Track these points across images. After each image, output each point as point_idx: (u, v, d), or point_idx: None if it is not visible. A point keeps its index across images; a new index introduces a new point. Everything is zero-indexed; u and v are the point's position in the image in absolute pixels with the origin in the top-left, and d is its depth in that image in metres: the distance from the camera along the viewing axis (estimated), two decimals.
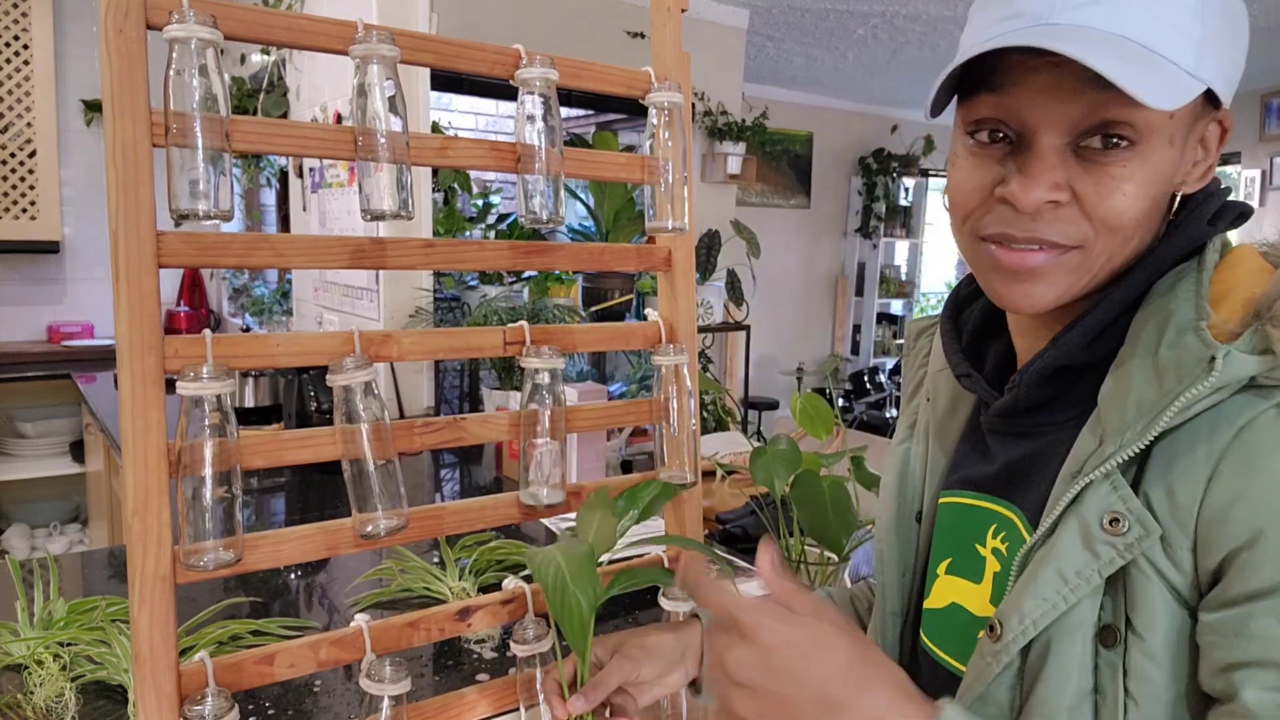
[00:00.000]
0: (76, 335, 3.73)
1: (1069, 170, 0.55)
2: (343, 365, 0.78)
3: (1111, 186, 0.54)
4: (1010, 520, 0.63)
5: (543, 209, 0.88)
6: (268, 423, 2.12)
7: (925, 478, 0.73)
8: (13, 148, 3.44)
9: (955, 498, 0.68)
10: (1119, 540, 0.52)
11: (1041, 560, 0.55)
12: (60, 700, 0.95)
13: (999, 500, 0.64)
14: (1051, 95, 0.54)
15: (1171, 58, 0.52)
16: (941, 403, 0.74)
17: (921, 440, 0.75)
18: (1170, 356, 0.53)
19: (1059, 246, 0.56)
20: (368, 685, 0.79)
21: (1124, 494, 0.53)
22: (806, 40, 4.74)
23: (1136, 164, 0.54)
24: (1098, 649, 0.54)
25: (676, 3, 1.00)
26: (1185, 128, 0.56)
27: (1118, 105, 0.52)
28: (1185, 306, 0.55)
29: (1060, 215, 0.55)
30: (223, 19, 0.72)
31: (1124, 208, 0.54)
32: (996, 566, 0.63)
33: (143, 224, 0.71)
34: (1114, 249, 0.56)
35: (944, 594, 0.67)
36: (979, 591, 0.64)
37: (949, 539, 0.68)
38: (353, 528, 0.81)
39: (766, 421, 5.38)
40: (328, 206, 2.58)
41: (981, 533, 0.65)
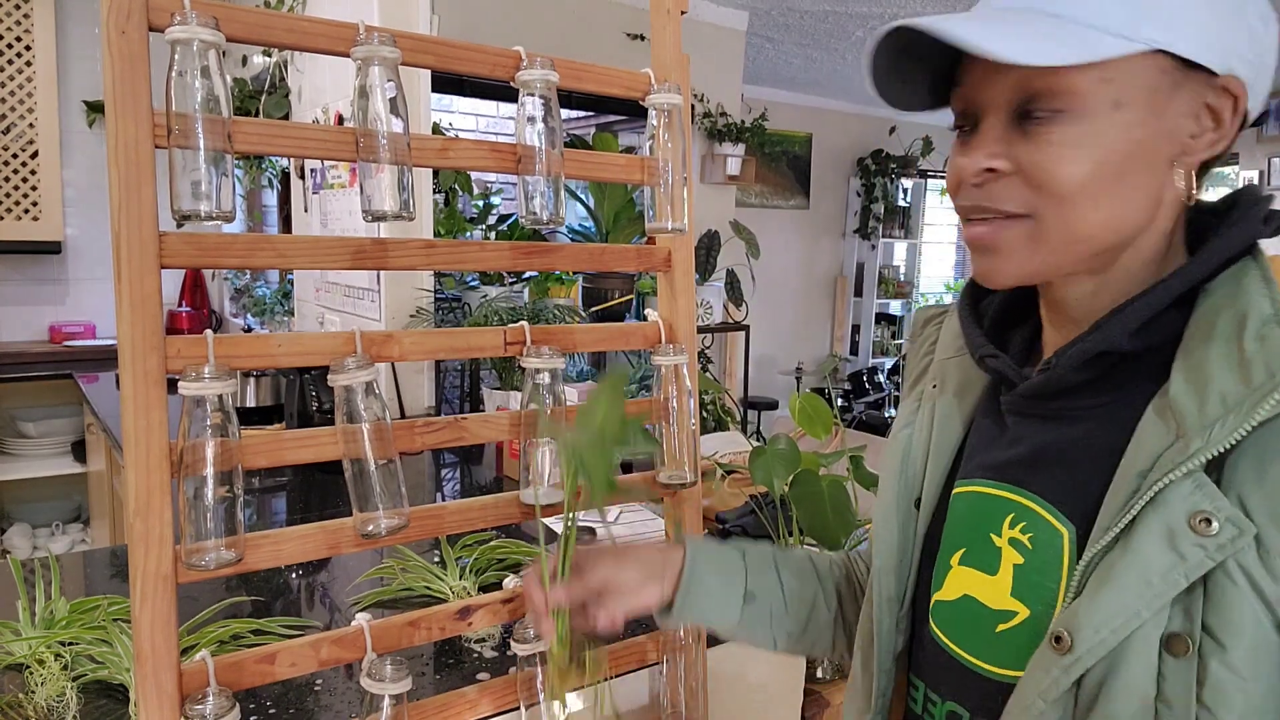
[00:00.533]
0: (78, 335, 3.74)
1: (1012, 144, 0.57)
2: (344, 365, 0.78)
3: (1051, 153, 0.56)
4: (1032, 510, 0.61)
5: (543, 210, 0.89)
6: (269, 422, 2.13)
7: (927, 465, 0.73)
8: (15, 148, 3.45)
9: (971, 487, 0.67)
10: (1209, 541, 0.50)
11: (1118, 565, 0.53)
12: (61, 700, 0.96)
13: (1018, 489, 0.63)
14: (986, 77, 0.58)
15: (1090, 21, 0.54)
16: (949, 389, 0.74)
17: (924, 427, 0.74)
18: (1256, 349, 0.52)
19: (1004, 215, 0.58)
20: (369, 684, 0.79)
21: (1210, 492, 0.51)
22: (805, 42, 4.75)
23: (1075, 130, 0.55)
24: (1163, 657, 0.51)
25: (676, 5, 1.00)
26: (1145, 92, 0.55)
27: (1039, 77, 0.55)
28: (1261, 301, 0.54)
29: (1002, 183, 0.58)
30: (225, 21, 0.72)
31: (1068, 173, 0.55)
32: (1017, 558, 0.61)
33: (145, 225, 0.71)
34: (1071, 217, 0.57)
35: (956, 586, 0.66)
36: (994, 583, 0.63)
37: (963, 529, 0.67)
38: (354, 527, 0.82)
39: (766, 421, 5.39)
40: (329, 207, 2.59)
41: (997, 523, 0.63)
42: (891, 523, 0.73)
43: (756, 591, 0.82)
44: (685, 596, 0.79)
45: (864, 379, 6.24)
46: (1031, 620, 0.60)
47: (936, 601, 0.68)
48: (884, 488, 0.75)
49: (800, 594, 0.83)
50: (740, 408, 4.20)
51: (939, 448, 0.72)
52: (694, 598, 0.79)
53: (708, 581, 0.80)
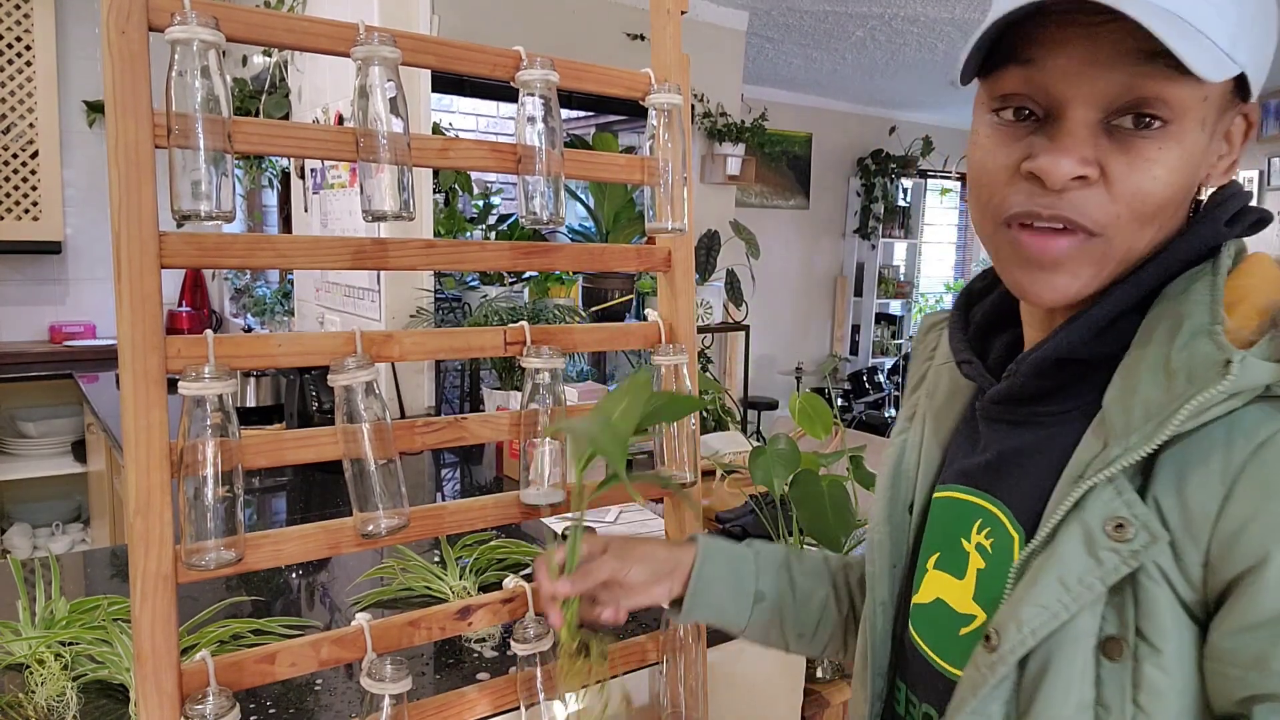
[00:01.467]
0: (78, 335, 3.74)
1: (1099, 147, 0.52)
2: (344, 365, 0.78)
3: (1144, 168, 0.52)
4: (995, 515, 0.62)
5: (543, 210, 0.89)
6: (269, 422, 2.13)
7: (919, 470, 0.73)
8: (15, 148, 3.45)
9: (948, 492, 0.68)
10: (1124, 547, 0.50)
11: (1042, 567, 0.54)
12: (61, 699, 0.96)
13: (984, 495, 0.63)
14: (1087, 67, 0.51)
15: (1210, 35, 0.50)
16: (940, 395, 0.74)
17: (918, 432, 0.75)
18: (1182, 359, 0.51)
19: (1082, 231, 0.54)
20: (369, 684, 0.79)
21: (1129, 499, 0.51)
22: (805, 42, 4.75)
23: (1170, 145, 0.52)
24: (1100, 661, 0.52)
25: (676, 5, 1.00)
26: (1216, 113, 0.54)
27: (1156, 81, 0.50)
28: (1199, 309, 0.53)
29: (1088, 194, 0.53)
30: (225, 20, 0.72)
31: (1152, 190, 0.53)
32: (980, 563, 0.62)
33: (145, 224, 0.71)
34: (1136, 236, 0.54)
35: (930, 589, 0.67)
36: (961, 587, 0.64)
37: (939, 534, 0.68)
38: (354, 527, 0.82)
39: (766, 421, 5.39)
40: (329, 207, 2.59)
41: (967, 528, 0.64)
42: (884, 527, 0.73)
43: (767, 591, 0.83)
44: (694, 596, 0.80)
45: (864, 379, 6.24)
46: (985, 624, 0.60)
47: (914, 605, 0.69)
48: (879, 492, 0.76)
49: (811, 594, 0.83)
50: (740, 408, 4.20)
51: (928, 454, 0.72)
52: (703, 597, 0.80)
53: (718, 581, 0.81)
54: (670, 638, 0.99)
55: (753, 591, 0.82)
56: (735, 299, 4.25)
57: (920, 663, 0.67)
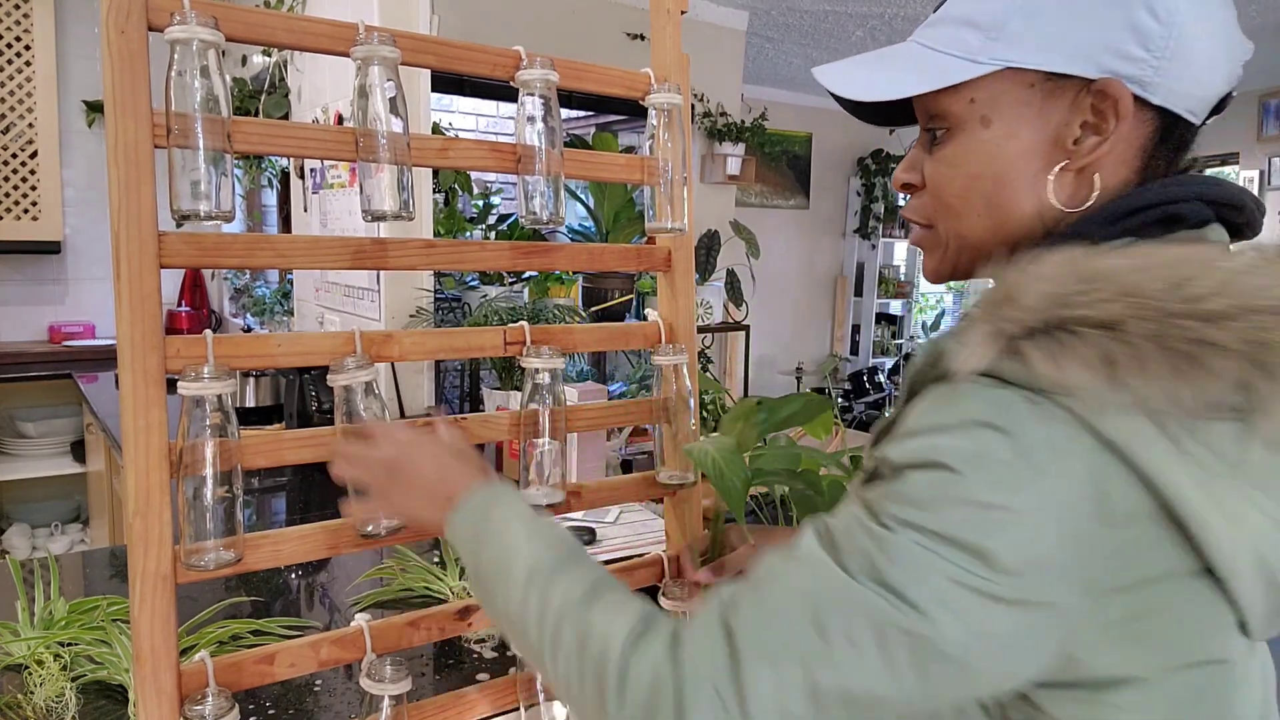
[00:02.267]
0: (78, 335, 3.74)
1: (923, 159, 0.65)
2: (344, 365, 0.78)
3: (939, 169, 0.63)
4: None
5: (543, 209, 0.89)
6: (269, 422, 2.13)
7: None
8: (14, 148, 3.45)
9: None
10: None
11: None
12: (61, 700, 0.96)
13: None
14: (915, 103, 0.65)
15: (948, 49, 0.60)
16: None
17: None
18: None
19: (917, 224, 0.66)
20: (368, 685, 0.79)
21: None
22: (805, 42, 4.74)
23: (950, 147, 0.62)
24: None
25: (676, 5, 1.00)
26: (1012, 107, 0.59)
27: (929, 102, 0.62)
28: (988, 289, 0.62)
29: (917, 196, 0.66)
30: (224, 20, 0.72)
31: (944, 185, 0.63)
32: None
33: (144, 224, 0.71)
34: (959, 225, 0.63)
35: None
36: None
37: None
38: (353, 527, 0.81)
39: None
40: (329, 207, 2.59)
41: None
42: None
43: None
44: None
45: (864, 379, 6.23)
46: None
47: None
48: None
49: None
50: None
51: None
52: None
53: None
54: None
55: None
56: (735, 299, 4.24)
57: None
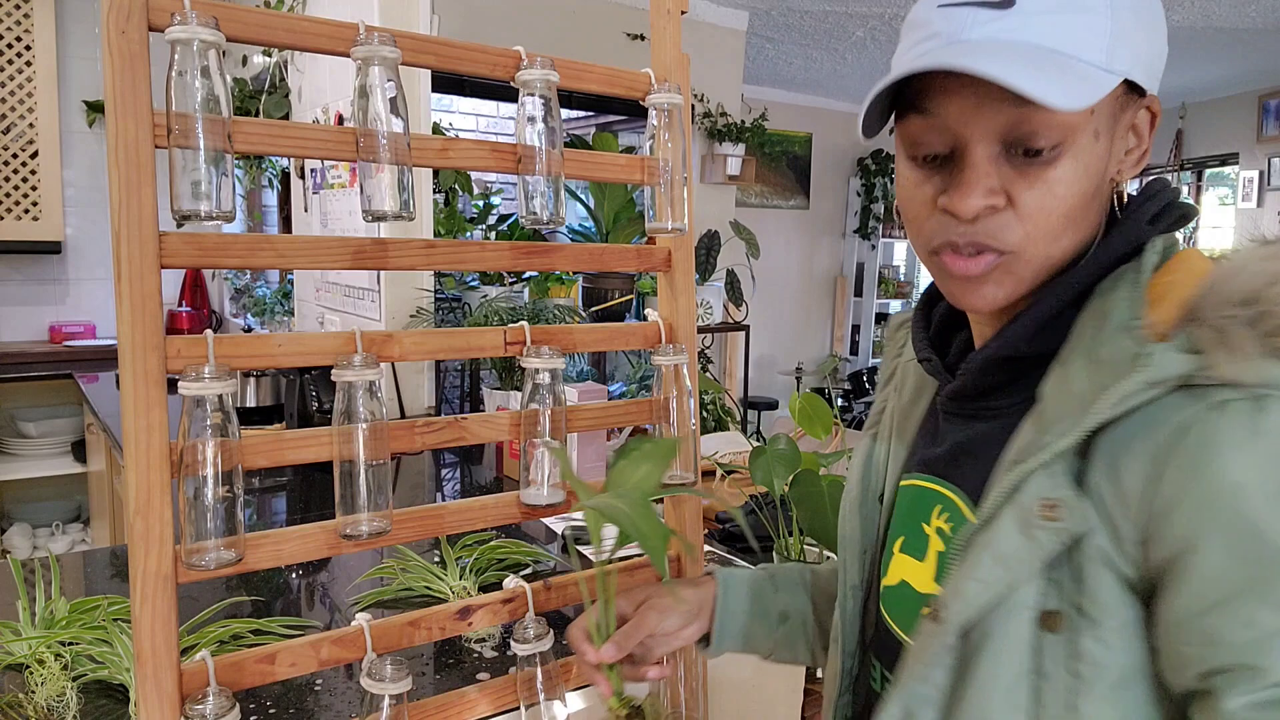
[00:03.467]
0: (78, 335, 3.74)
1: (1003, 175, 0.57)
2: (351, 361, 0.78)
3: (1045, 189, 0.57)
4: (953, 501, 0.66)
5: (543, 210, 0.89)
6: (269, 422, 2.13)
7: (889, 462, 0.77)
8: (15, 148, 3.45)
9: (911, 480, 0.72)
10: (1056, 525, 0.54)
11: (980, 544, 0.57)
12: (61, 699, 0.96)
13: (943, 481, 0.67)
14: (976, 110, 0.56)
15: (1082, 56, 0.54)
16: (907, 391, 0.78)
17: (887, 426, 0.79)
18: (1106, 353, 0.56)
19: (998, 251, 0.59)
20: (369, 684, 0.79)
21: (1060, 482, 0.55)
22: (805, 42, 4.75)
23: (1064, 163, 0.56)
24: (1038, 632, 0.55)
25: (676, 5, 1.00)
26: (1110, 120, 0.58)
27: (1035, 115, 0.55)
28: (1122, 306, 0.57)
29: (998, 220, 0.58)
30: (225, 20, 0.72)
31: (1056, 207, 0.57)
32: (940, 545, 0.66)
33: (145, 224, 0.71)
34: (1050, 247, 0.59)
35: (896, 572, 0.71)
36: (922, 569, 0.68)
37: (903, 520, 0.72)
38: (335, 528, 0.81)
39: (766, 421, 5.39)
40: (329, 207, 2.59)
41: (928, 513, 0.68)
42: (855, 517, 0.78)
43: (789, 611, 0.87)
44: (722, 628, 0.84)
45: (864, 379, 6.24)
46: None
47: (884, 587, 0.73)
48: (850, 484, 0.80)
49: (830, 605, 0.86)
50: (740, 408, 4.20)
51: (896, 446, 0.77)
52: (730, 627, 0.85)
53: (741, 610, 0.85)
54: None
55: (777, 613, 0.86)
56: (735, 299, 4.25)
57: (892, 640, 0.71)
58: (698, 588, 0.85)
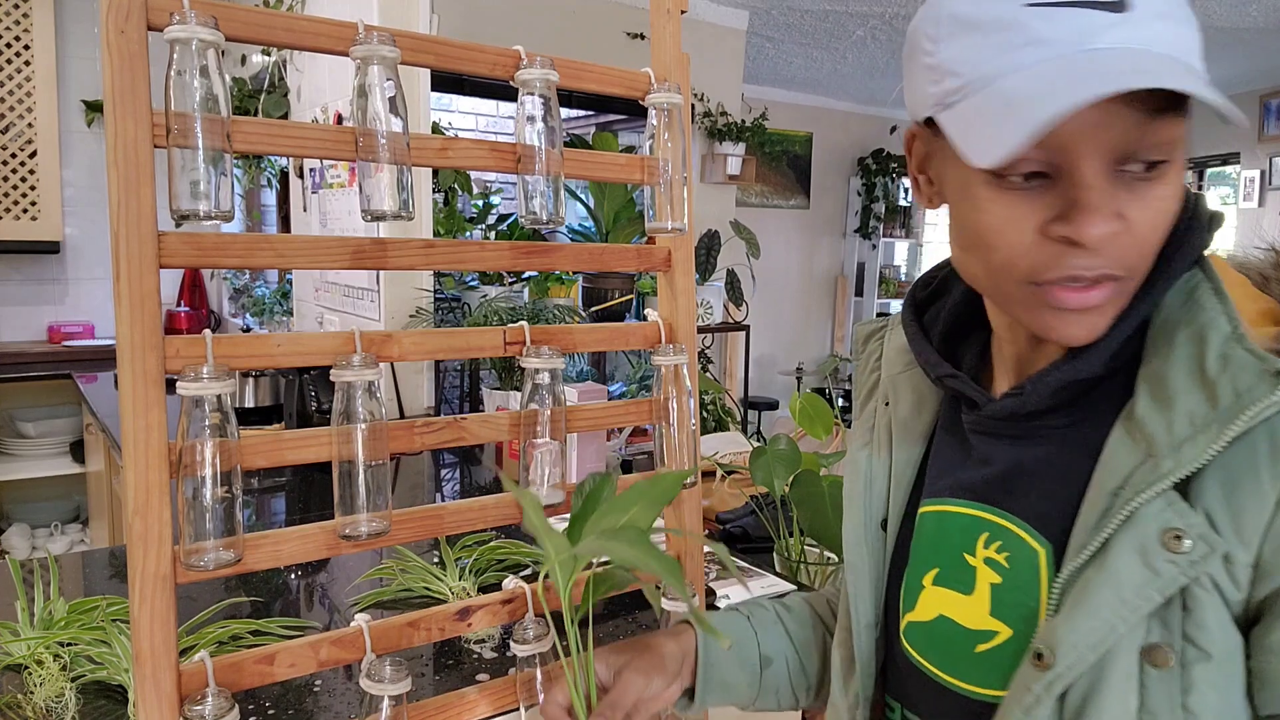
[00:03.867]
0: (77, 335, 3.74)
1: (1118, 197, 0.52)
2: (350, 361, 0.78)
3: (1159, 206, 0.53)
4: (1007, 529, 0.61)
5: (543, 209, 0.89)
6: (268, 423, 2.13)
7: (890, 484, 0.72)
8: (14, 148, 3.45)
9: (939, 505, 0.67)
10: (1182, 558, 0.51)
11: (1094, 582, 0.53)
12: (60, 700, 0.96)
13: (991, 508, 0.62)
14: (1099, 128, 0.51)
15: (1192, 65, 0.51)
16: (904, 406, 0.73)
17: (883, 446, 0.73)
18: (1219, 369, 0.52)
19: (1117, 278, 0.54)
20: (368, 685, 0.79)
21: (1181, 509, 0.52)
22: (806, 41, 4.74)
23: (1172, 179, 0.53)
24: (1144, 668, 0.52)
25: (676, 4, 1.00)
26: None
27: (1164, 129, 0.51)
28: (1218, 319, 0.54)
29: (1118, 244, 0.53)
30: (224, 20, 0.72)
31: (1164, 224, 0.54)
32: (994, 578, 0.61)
33: (144, 224, 0.71)
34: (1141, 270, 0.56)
35: (931, 606, 0.66)
36: (971, 603, 0.63)
37: (932, 549, 0.67)
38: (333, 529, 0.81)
39: (766, 421, 5.39)
40: (328, 207, 2.59)
41: (971, 542, 0.63)
42: (861, 548, 0.72)
43: (771, 654, 0.82)
44: (705, 681, 0.78)
45: None
46: (1014, 639, 0.60)
47: (909, 622, 0.68)
48: (849, 512, 0.74)
49: (810, 641, 0.83)
50: (740, 408, 4.20)
51: (900, 467, 0.71)
52: (714, 679, 0.79)
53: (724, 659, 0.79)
54: None
55: (758, 658, 0.81)
56: (735, 299, 4.25)
57: (920, 680, 0.66)
58: (678, 638, 0.79)
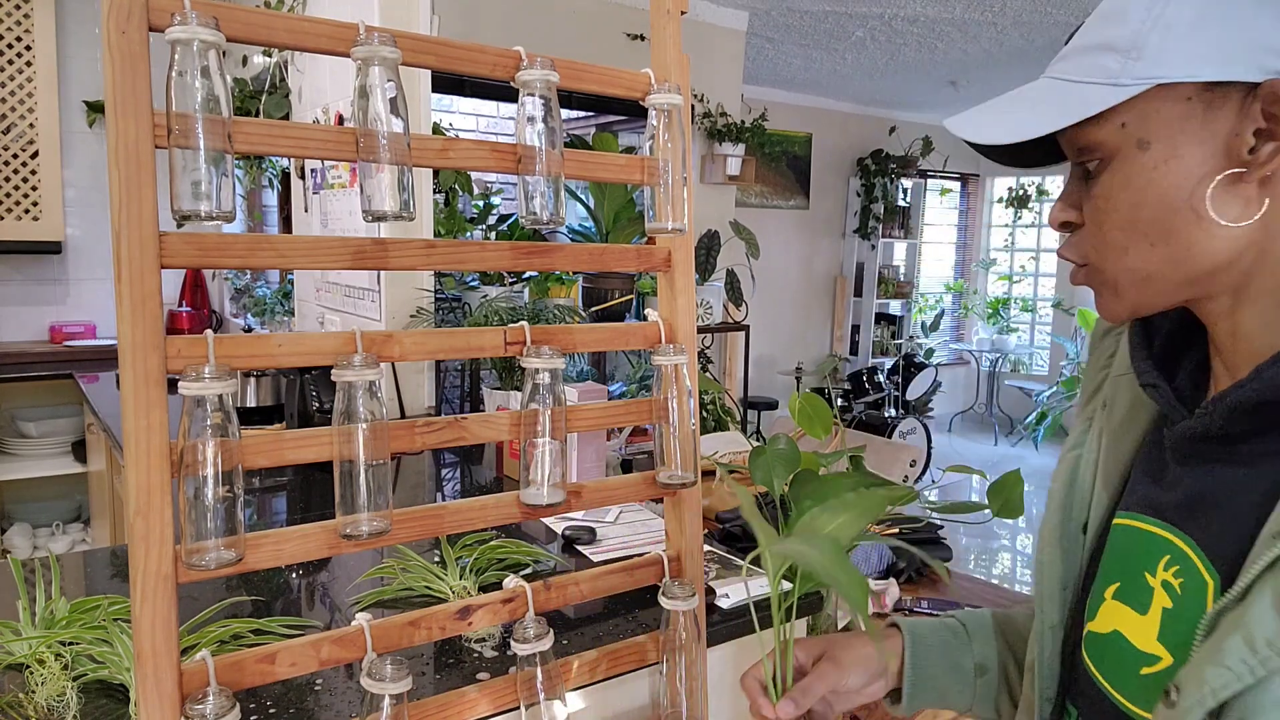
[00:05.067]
0: (79, 335, 3.74)
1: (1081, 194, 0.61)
2: (351, 361, 0.78)
3: (1097, 204, 0.59)
4: (1185, 553, 0.59)
5: (543, 210, 0.89)
6: (269, 422, 2.13)
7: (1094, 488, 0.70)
8: (15, 148, 3.45)
9: (1130, 520, 0.65)
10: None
11: (1230, 624, 0.51)
12: (62, 699, 0.96)
13: (1173, 529, 0.60)
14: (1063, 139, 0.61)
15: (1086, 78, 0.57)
16: (1120, 410, 0.70)
17: (1094, 449, 0.71)
18: None
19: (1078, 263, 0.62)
20: (369, 684, 0.79)
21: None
22: (805, 42, 4.75)
23: (1107, 178, 0.58)
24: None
25: (676, 5, 1.00)
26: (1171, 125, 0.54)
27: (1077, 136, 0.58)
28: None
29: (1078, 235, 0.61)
30: (225, 21, 0.72)
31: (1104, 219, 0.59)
32: (1167, 601, 0.59)
33: (145, 225, 0.71)
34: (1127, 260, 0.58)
35: (1108, 619, 0.64)
36: (1144, 623, 0.61)
37: (1119, 563, 0.65)
38: (335, 528, 0.81)
39: (766, 421, 5.39)
40: (329, 207, 2.59)
41: (1153, 562, 0.61)
42: (1055, 548, 0.71)
43: (986, 662, 0.81)
44: (914, 685, 0.78)
45: (864, 379, 6.24)
46: (1172, 668, 0.57)
47: (1089, 632, 0.67)
48: (1050, 510, 0.73)
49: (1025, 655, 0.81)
50: (740, 408, 4.20)
51: (1106, 473, 0.69)
52: (924, 685, 0.79)
53: (934, 665, 0.79)
54: (670, 638, 0.99)
55: (972, 666, 0.80)
56: (735, 299, 4.25)
57: (1093, 690, 0.65)
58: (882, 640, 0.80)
